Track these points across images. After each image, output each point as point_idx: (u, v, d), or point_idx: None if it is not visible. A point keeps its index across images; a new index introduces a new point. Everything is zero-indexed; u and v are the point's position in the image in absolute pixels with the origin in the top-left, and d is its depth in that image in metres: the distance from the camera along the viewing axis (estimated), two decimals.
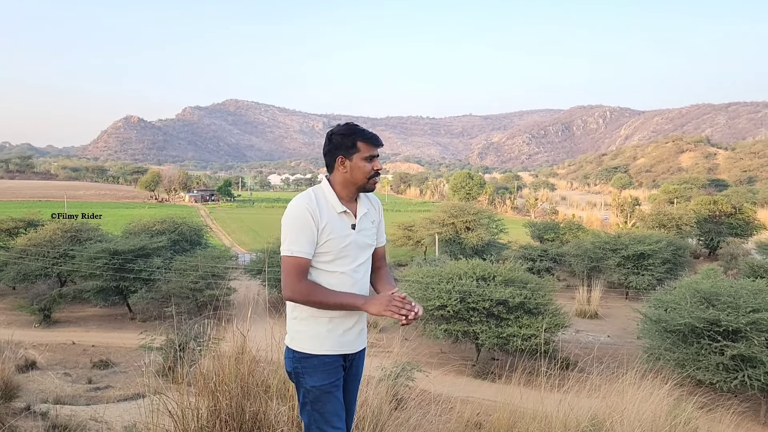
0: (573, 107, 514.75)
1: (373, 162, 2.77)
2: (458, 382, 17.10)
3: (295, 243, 2.64)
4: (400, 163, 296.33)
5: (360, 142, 2.74)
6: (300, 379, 2.75)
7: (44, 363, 19.40)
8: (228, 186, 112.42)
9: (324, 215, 2.68)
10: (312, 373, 2.72)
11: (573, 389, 4.79)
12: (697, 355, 15.18)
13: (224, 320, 5.47)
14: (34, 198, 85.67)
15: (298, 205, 2.67)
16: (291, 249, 2.63)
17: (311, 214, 2.64)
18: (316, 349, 2.73)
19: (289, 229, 2.66)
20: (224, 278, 28.03)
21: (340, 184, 2.78)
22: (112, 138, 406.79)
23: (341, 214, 2.75)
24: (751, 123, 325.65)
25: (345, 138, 2.75)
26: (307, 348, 2.73)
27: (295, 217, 2.66)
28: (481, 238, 39.21)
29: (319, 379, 2.71)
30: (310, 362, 2.72)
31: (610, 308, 29.42)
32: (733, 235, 44.97)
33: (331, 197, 2.75)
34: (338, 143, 2.76)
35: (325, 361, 2.73)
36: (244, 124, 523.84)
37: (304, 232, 2.64)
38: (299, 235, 2.64)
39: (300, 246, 2.63)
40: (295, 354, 2.76)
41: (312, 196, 2.73)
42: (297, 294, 2.64)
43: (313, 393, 2.71)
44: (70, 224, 33.16)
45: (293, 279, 2.63)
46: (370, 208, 2.95)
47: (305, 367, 2.73)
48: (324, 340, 2.74)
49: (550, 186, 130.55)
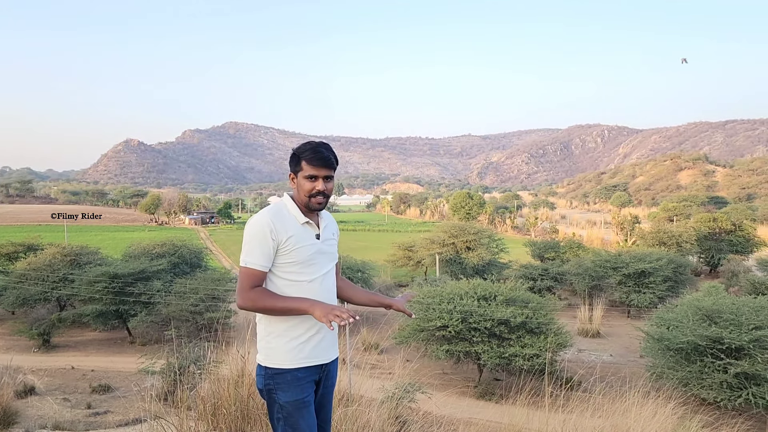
0: (571, 126, 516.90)
1: (315, 182, 2.86)
2: (461, 403, 16.95)
3: (250, 254, 2.76)
4: (400, 184, 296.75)
5: (303, 161, 2.86)
6: (272, 395, 2.79)
7: (43, 388, 19.26)
8: (228, 208, 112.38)
9: (288, 228, 2.81)
10: (285, 388, 2.77)
11: (577, 409, 4.75)
12: (701, 373, 15.07)
13: (224, 343, 5.44)
14: (34, 222, 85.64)
15: (259, 220, 2.80)
16: (245, 260, 2.77)
17: (271, 228, 2.76)
18: (289, 364, 2.79)
19: (247, 241, 2.79)
20: (224, 301, 27.91)
21: (298, 199, 2.93)
22: (112, 161, 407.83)
23: (304, 224, 2.87)
24: (748, 140, 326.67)
25: (293, 157, 2.92)
26: (280, 363, 2.79)
27: (254, 231, 2.79)
28: (481, 258, 39.13)
29: (292, 395, 2.77)
30: (283, 377, 2.78)
31: (612, 327, 29.26)
32: (733, 252, 44.89)
33: (293, 210, 2.88)
34: (290, 161, 2.95)
35: (298, 376, 2.80)
36: (244, 146, 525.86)
37: (260, 245, 2.76)
38: (255, 248, 2.76)
39: (254, 258, 2.75)
40: (267, 370, 2.81)
41: (274, 210, 2.85)
42: (247, 301, 2.73)
43: (286, 409, 2.76)
44: (70, 248, 33.11)
45: (244, 287, 2.74)
46: (329, 222, 3.08)
47: (278, 383, 2.78)
48: (297, 353, 2.81)
49: (549, 205, 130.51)
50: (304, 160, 2.85)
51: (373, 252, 49.22)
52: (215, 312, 25.98)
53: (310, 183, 2.85)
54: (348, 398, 4.24)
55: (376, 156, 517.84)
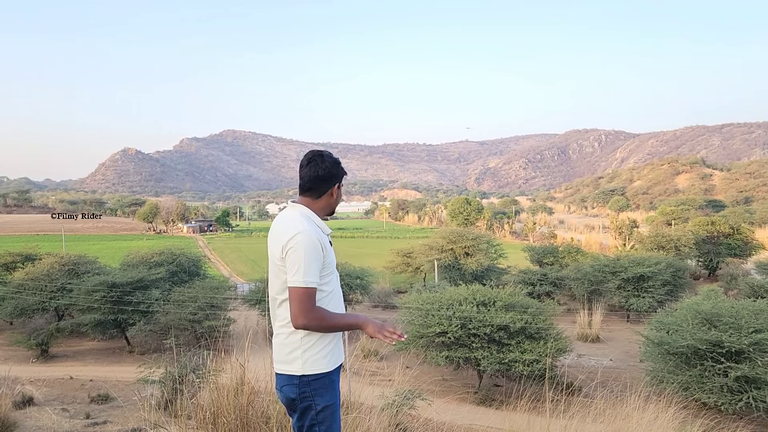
0: (568, 131, 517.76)
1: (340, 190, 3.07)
2: (461, 409, 16.90)
3: (309, 273, 2.72)
4: (398, 190, 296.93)
5: (342, 174, 3.02)
6: (310, 402, 2.81)
7: (41, 398, 19.16)
8: (226, 216, 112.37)
9: (325, 240, 2.85)
10: (323, 393, 2.82)
11: (578, 414, 4.74)
12: (701, 377, 15.05)
13: (223, 351, 5.42)
14: (32, 232, 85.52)
15: (310, 237, 2.76)
16: (306, 281, 2.71)
17: (321, 243, 2.79)
18: (327, 367, 2.84)
19: (303, 259, 2.73)
20: (223, 309, 27.85)
21: (322, 209, 2.97)
22: (109, 170, 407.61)
23: (328, 235, 2.94)
24: (745, 144, 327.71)
25: (339, 168, 2.99)
26: (320, 368, 2.82)
27: (308, 248, 2.74)
28: (480, 264, 39.13)
29: (329, 398, 2.84)
30: (322, 382, 2.82)
31: (612, 331, 29.24)
32: (731, 256, 44.95)
33: (318, 222, 2.91)
34: (337, 172, 2.98)
35: (332, 379, 2.87)
36: (242, 154, 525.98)
37: (317, 262, 2.76)
38: (313, 266, 2.74)
39: (313, 276, 2.73)
40: (303, 378, 2.81)
41: (311, 224, 2.83)
42: (313, 321, 2.73)
43: (323, 413, 2.81)
44: (68, 258, 33.04)
45: (307, 307, 2.72)
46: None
47: (316, 389, 2.81)
48: (331, 357, 2.87)
49: (547, 210, 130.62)
50: (341, 173, 3.01)
51: (372, 259, 49.20)
52: (214, 320, 25.92)
53: (340, 191, 3.04)
54: (348, 405, 4.22)
55: (373, 163, 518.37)
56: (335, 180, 2.96)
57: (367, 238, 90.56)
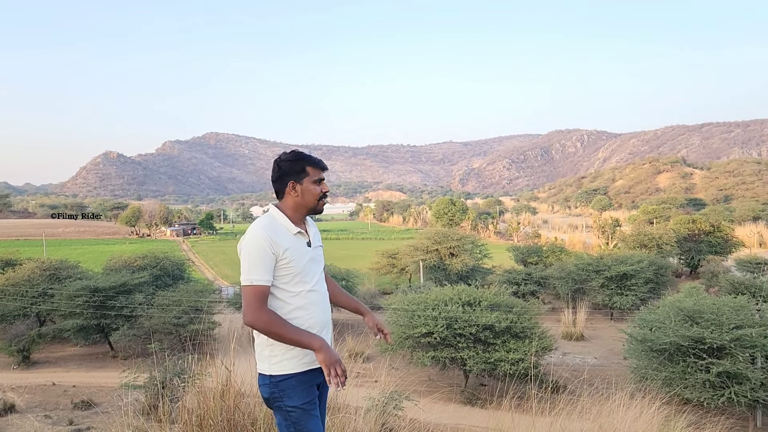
0: (551, 131, 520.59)
1: (321, 185, 2.96)
2: (447, 409, 16.94)
3: (253, 271, 2.72)
4: (382, 191, 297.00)
5: (308, 166, 2.93)
6: (278, 403, 2.79)
7: (23, 406, 18.90)
8: (210, 219, 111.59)
9: (284, 239, 2.80)
10: (291, 393, 2.78)
11: (563, 412, 4.77)
12: (684, 373, 15.22)
13: (208, 355, 5.39)
14: (12, 237, 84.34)
15: (255, 234, 2.77)
16: (250, 278, 2.72)
17: (270, 242, 2.74)
18: (294, 368, 2.80)
19: (247, 257, 2.75)
20: (207, 312, 27.67)
21: (291, 208, 2.93)
22: (91, 174, 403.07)
23: (297, 234, 2.87)
24: (724, 143, 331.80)
25: (294, 164, 2.93)
26: (286, 369, 2.79)
27: (253, 246, 2.75)
28: (465, 264, 39.25)
29: (299, 399, 2.78)
30: (289, 383, 2.78)
31: (596, 329, 29.47)
32: (712, 253, 45.51)
33: (284, 221, 2.88)
34: (288, 169, 2.93)
35: (302, 380, 2.80)
36: (225, 156, 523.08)
37: (262, 260, 2.73)
38: (257, 264, 2.73)
39: (258, 274, 2.72)
40: (272, 379, 2.80)
41: (268, 223, 2.83)
42: (258, 322, 2.71)
43: (294, 414, 2.77)
44: (49, 263, 32.65)
45: (254, 307, 2.71)
46: (315, 228, 3.10)
47: (284, 389, 2.78)
48: (302, 358, 2.81)
49: (531, 210, 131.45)
50: (309, 166, 2.93)
51: (357, 260, 49.17)
52: (199, 324, 25.74)
53: (317, 186, 2.93)
54: (335, 406, 4.22)
55: (358, 164, 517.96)
56: (289, 176, 2.91)
57: (352, 239, 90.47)
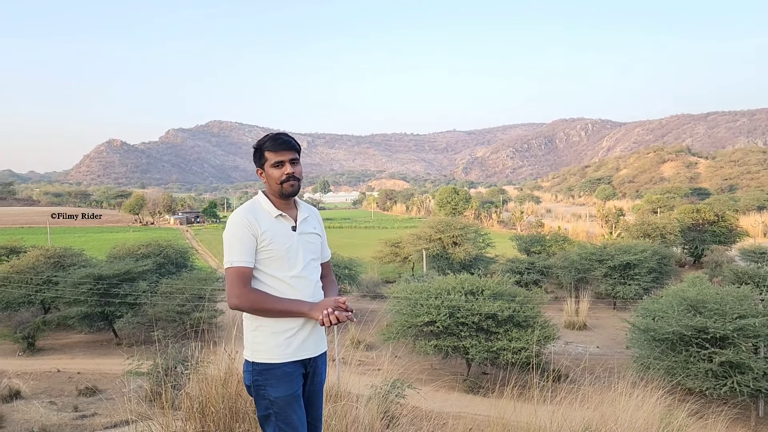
0: (555, 120, 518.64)
1: (282, 167, 2.85)
2: (450, 397, 17.01)
3: (232, 253, 2.74)
4: (386, 180, 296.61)
5: (266, 151, 2.87)
6: (261, 392, 2.76)
7: (29, 392, 19.08)
8: (213, 207, 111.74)
9: (263, 222, 2.79)
10: (275, 383, 2.74)
11: (565, 401, 4.78)
12: (687, 362, 15.24)
13: (211, 343, 5.41)
14: (16, 225, 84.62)
15: (234, 218, 2.81)
16: (230, 260, 2.75)
17: (247, 224, 2.76)
18: (277, 358, 2.76)
19: (228, 241, 2.78)
20: (211, 300, 27.76)
21: (271, 192, 2.92)
22: (94, 162, 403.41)
23: (278, 217, 2.85)
24: (729, 132, 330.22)
25: (255, 152, 2.93)
26: (269, 358, 2.76)
27: (232, 230, 2.79)
28: (468, 253, 39.25)
29: (282, 390, 2.74)
30: (272, 373, 2.75)
31: (599, 319, 29.51)
32: (716, 243, 45.41)
33: (266, 205, 2.87)
34: (253, 157, 2.95)
35: (286, 371, 2.76)
36: (229, 145, 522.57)
37: (240, 242, 2.75)
38: (236, 246, 2.75)
39: (237, 255, 2.74)
40: (255, 366, 2.78)
41: (248, 206, 2.86)
42: (243, 300, 2.71)
43: (277, 404, 2.73)
44: (53, 250, 32.76)
45: (237, 287, 2.71)
46: (311, 215, 3.03)
47: (267, 379, 2.75)
48: (285, 348, 2.77)
49: (535, 199, 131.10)
50: (266, 150, 2.87)
51: (360, 249, 49.21)
52: (202, 312, 25.84)
53: (278, 170, 2.84)
54: (336, 394, 4.23)
55: (361, 153, 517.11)
56: (256, 165, 2.92)
57: (355, 228, 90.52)
